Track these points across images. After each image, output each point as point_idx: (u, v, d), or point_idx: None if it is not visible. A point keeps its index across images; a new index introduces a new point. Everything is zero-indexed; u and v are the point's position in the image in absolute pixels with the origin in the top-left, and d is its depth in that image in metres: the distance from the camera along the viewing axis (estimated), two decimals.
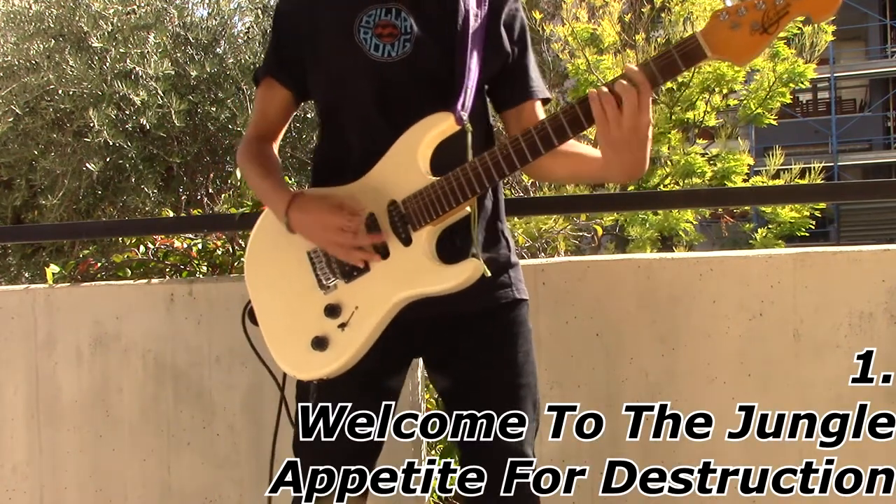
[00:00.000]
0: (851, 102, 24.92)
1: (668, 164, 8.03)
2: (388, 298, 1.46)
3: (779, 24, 1.26)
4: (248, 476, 2.35)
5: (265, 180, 1.58)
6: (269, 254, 1.60)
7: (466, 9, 1.54)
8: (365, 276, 1.48)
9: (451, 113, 1.46)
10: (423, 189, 1.45)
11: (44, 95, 4.85)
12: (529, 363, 1.58)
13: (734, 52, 1.28)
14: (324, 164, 1.63)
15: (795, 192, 4.10)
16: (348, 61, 1.52)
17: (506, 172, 1.41)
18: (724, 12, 1.27)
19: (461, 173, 1.42)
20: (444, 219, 1.45)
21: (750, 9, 1.26)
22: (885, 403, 1.93)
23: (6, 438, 2.57)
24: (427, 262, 1.44)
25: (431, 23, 1.52)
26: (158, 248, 2.96)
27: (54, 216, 4.82)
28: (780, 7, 1.25)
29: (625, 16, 8.18)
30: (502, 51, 1.58)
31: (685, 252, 5.39)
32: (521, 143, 1.39)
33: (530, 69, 1.62)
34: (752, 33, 1.26)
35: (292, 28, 1.61)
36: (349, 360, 1.47)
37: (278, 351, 1.56)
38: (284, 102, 1.65)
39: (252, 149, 1.63)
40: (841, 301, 1.95)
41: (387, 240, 1.47)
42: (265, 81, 1.65)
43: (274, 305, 1.58)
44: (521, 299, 1.60)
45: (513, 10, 1.61)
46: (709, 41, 1.28)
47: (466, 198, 1.43)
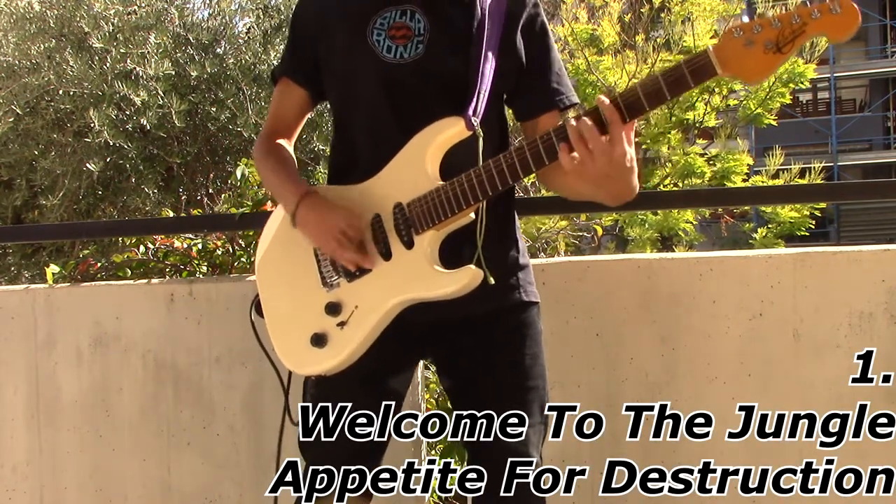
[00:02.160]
0: (851, 102, 24.91)
1: (668, 165, 8.03)
2: (385, 300, 1.46)
3: (794, 43, 1.22)
4: (248, 476, 2.35)
5: (277, 175, 1.59)
6: (280, 248, 1.61)
7: (483, 12, 1.52)
8: (366, 277, 1.48)
9: (462, 117, 1.44)
10: (427, 193, 1.44)
11: (44, 95, 4.85)
12: (537, 366, 1.57)
13: (746, 70, 1.24)
14: (337, 164, 1.64)
15: (795, 192, 4.10)
16: (360, 62, 1.52)
17: (509, 181, 1.39)
18: (739, 29, 1.23)
19: (465, 179, 1.41)
20: (447, 224, 1.44)
21: (765, 27, 1.22)
22: (885, 403, 1.93)
23: (6, 438, 2.57)
24: (426, 266, 1.44)
25: (446, 25, 1.51)
26: (158, 248, 2.96)
27: (54, 216, 4.82)
28: (797, 26, 1.21)
29: (624, 16, 8.18)
30: (518, 56, 1.55)
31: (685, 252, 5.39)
32: (525, 153, 1.36)
33: (552, 76, 1.58)
34: (765, 52, 1.22)
35: (308, 28, 1.61)
36: (346, 359, 1.48)
37: (280, 344, 1.57)
38: (300, 102, 1.66)
39: (268, 146, 1.64)
40: (841, 301, 1.95)
41: (390, 242, 1.47)
42: (282, 80, 1.65)
43: (279, 299, 1.59)
44: (529, 301, 1.59)
45: (532, 14, 1.57)
46: (720, 58, 1.24)
47: (469, 204, 1.41)
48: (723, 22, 7.90)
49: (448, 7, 1.53)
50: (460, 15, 1.52)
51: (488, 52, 1.50)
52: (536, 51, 1.58)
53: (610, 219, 7.24)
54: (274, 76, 1.68)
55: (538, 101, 1.58)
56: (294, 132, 1.69)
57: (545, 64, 1.59)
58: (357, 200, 1.50)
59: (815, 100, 24.28)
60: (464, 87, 1.48)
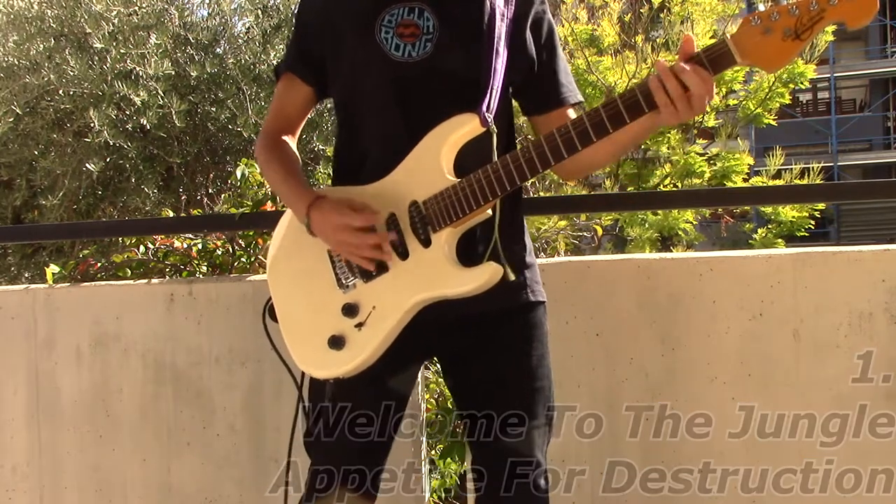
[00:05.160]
0: (851, 102, 24.92)
1: (668, 164, 8.02)
2: (405, 300, 1.44)
3: (812, 30, 1.21)
4: (248, 476, 2.35)
5: (285, 182, 1.57)
6: (292, 251, 1.59)
7: (493, 9, 1.52)
8: (383, 277, 1.47)
9: (476, 114, 1.44)
10: (443, 190, 1.43)
11: (44, 95, 4.85)
12: (543, 367, 1.56)
13: (765, 58, 1.24)
14: (344, 164, 1.62)
15: (795, 192, 4.10)
16: (368, 61, 1.51)
17: (527, 175, 1.39)
18: (756, 17, 1.23)
19: (482, 175, 1.41)
20: (464, 221, 1.43)
21: (783, 14, 1.22)
22: (885, 403, 1.93)
23: (6, 438, 2.57)
24: (445, 264, 1.43)
25: (455, 23, 1.50)
26: (158, 248, 2.96)
27: (54, 216, 4.82)
28: (815, 13, 1.20)
29: (624, 16, 8.17)
30: (528, 53, 1.55)
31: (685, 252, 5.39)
32: (544, 147, 1.37)
33: (560, 73, 1.60)
34: (784, 39, 1.22)
35: (314, 24, 1.59)
36: (365, 361, 1.46)
37: (296, 348, 1.55)
38: (304, 98, 1.64)
39: (271, 145, 1.62)
40: (841, 301, 1.95)
41: (406, 241, 1.46)
42: (285, 76, 1.64)
43: (293, 302, 1.57)
44: (536, 301, 1.58)
45: (539, 12, 1.58)
46: (739, 46, 1.24)
47: (487, 200, 1.41)
48: (722, 22, 7.90)
49: (457, 4, 1.52)
50: (469, 12, 1.52)
51: (499, 48, 1.49)
52: (546, 48, 1.59)
53: (609, 219, 7.24)
54: (277, 72, 1.66)
55: (552, 95, 1.59)
56: (297, 128, 1.67)
57: (555, 61, 1.60)
58: (371, 200, 1.48)
59: (815, 100, 24.29)
60: (473, 86, 1.47)
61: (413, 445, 2.21)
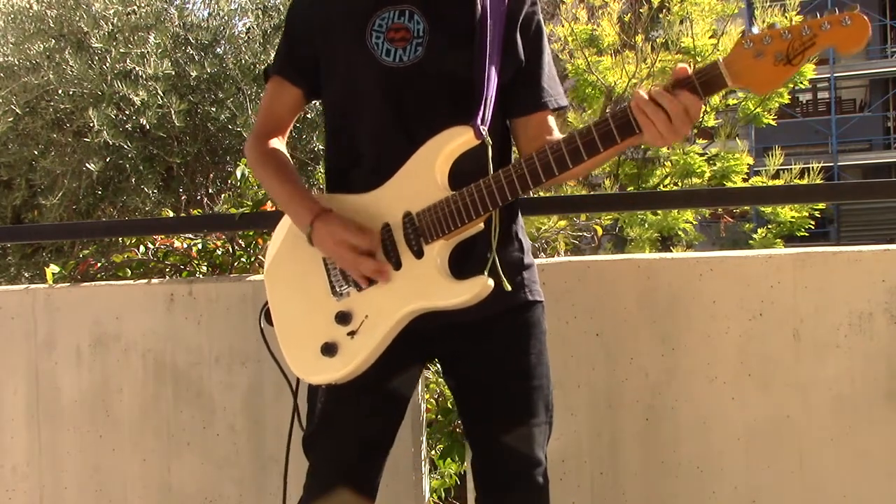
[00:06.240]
0: (851, 102, 24.92)
1: (668, 164, 8.02)
2: (397, 310, 1.45)
3: (804, 55, 1.22)
4: (248, 476, 2.35)
5: (284, 186, 1.57)
6: (289, 256, 1.60)
7: (484, 9, 1.51)
8: (377, 286, 1.48)
9: (471, 127, 1.44)
10: (437, 203, 1.43)
11: (44, 95, 4.85)
12: (542, 366, 1.56)
13: (756, 81, 1.25)
14: (337, 168, 1.62)
15: (795, 192, 4.10)
16: (359, 66, 1.51)
17: (519, 193, 1.39)
18: (749, 40, 1.23)
19: (475, 189, 1.41)
20: (457, 234, 1.44)
21: (775, 38, 1.22)
22: (885, 403, 1.93)
23: (6, 438, 2.57)
24: (437, 276, 1.44)
25: (446, 25, 1.50)
26: (158, 248, 2.96)
27: (54, 216, 4.82)
28: (807, 39, 1.21)
29: (624, 16, 8.17)
30: (517, 55, 1.55)
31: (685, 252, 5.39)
32: (535, 164, 1.37)
33: (543, 76, 1.58)
34: (775, 63, 1.22)
35: (305, 27, 1.59)
36: (356, 368, 1.47)
37: (290, 353, 1.56)
38: (293, 100, 1.64)
39: (263, 147, 1.62)
40: (841, 301, 1.96)
41: (399, 252, 1.46)
42: (275, 78, 1.64)
43: (289, 308, 1.58)
44: (534, 301, 1.59)
45: (530, 12, 1.57)
46: (731, 69, 1.24)
47: (479, 214, 1.41)
48: (721, 22, 7.89)
49: (447, 6, 1.51)
50: (460, 14, 1.51)
51: (492, 55, 1.49)
52: (532, 49, 1.57)
53: (609, 219, 7.24)
54: (266, 74, 1.67)
55: (532, 99, 1.57)
56: (286, 130, 1.68)
57: (540, 63, 1.59)
58: (366, 209, 1.49)
59: (815, 100, 24.30)
60: (466, 89, 1.47)
61: (413, 445, 2.21)
